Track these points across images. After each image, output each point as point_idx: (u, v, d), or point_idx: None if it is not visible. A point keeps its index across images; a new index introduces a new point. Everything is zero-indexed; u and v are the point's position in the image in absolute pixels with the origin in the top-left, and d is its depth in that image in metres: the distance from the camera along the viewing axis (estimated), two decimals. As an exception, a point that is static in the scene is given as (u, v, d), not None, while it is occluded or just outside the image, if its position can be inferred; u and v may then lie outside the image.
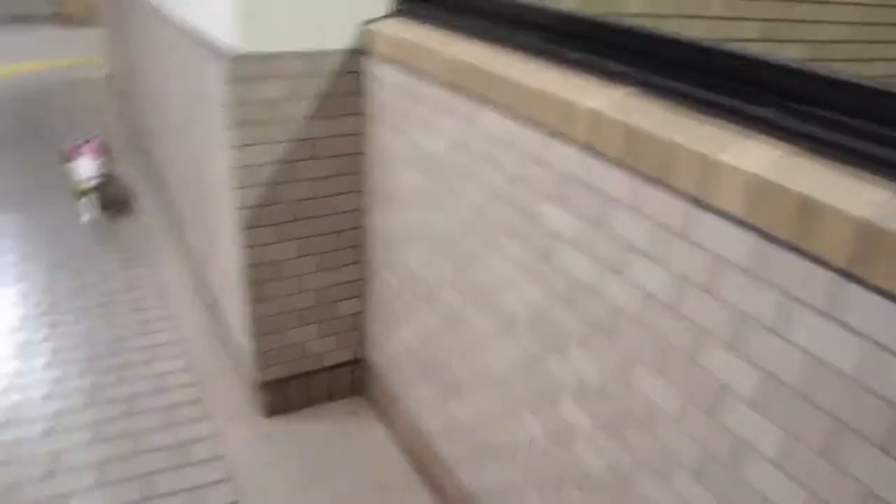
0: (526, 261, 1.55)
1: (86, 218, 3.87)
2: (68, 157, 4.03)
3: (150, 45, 3.71)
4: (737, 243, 1.04)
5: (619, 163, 1.24)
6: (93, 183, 3.84)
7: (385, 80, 2.04)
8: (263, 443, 2.42)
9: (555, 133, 1.39)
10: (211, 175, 2.51)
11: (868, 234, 0.86)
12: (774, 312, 1.01)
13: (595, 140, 1.28)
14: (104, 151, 4.14)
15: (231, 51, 1.99)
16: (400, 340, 2.27)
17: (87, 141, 4.14)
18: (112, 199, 4.17)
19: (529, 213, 1.51)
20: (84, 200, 3.87)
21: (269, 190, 2.15)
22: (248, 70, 2.00)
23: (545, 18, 1.56)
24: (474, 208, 1.71)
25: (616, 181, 1.26)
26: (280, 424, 2.50)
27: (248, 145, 2.08)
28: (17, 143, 5.28)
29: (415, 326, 2.14)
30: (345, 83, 2.12)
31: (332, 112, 2.13)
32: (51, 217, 4.00)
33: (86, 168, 3.84)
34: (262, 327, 2.34)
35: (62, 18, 10.35)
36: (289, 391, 2.50)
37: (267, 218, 2.19)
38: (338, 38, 2.07)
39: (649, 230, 1.20)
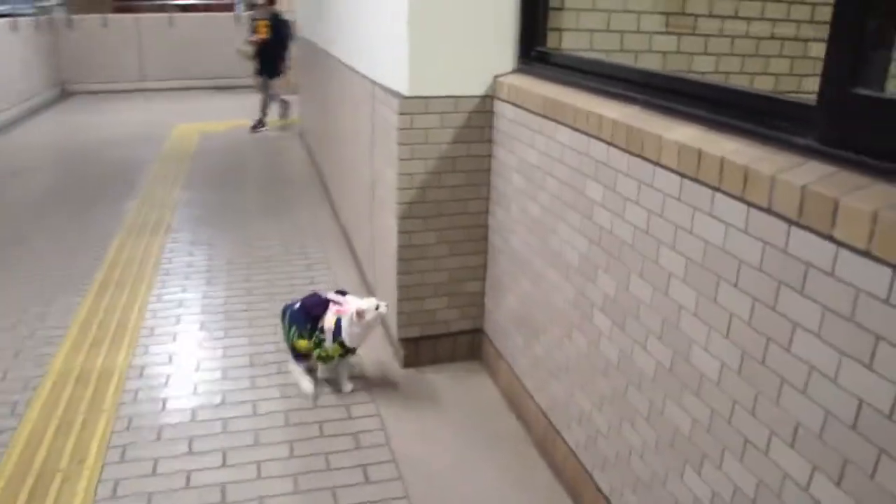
0: (576, 222, 2.35)
1: (309, 389, 3.22)
2: (309, 310, 3.17)
3: (336, 99, 4.85)
4: (673, 187, 1.81)
5: (622, 148, 2.04)
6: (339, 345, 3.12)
7: (504, 115, 2.93)
8: (399, 384, 3.28)
9: (593, 136, 2.20)
10: (382, 184, 3.46)
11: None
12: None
13: (615, 138, 2.09)
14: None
15: (402, 93, 2.97)
16: (506, 307, 3.08)
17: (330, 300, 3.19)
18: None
19: (580, 190, 2.32)
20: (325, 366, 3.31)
21: (420, 192, 3.07)
22: (412, 107, 2.96)
23: (600, 69, 2.40)
24: (552, 194, 2.54)
25: (620, 160, 2.06)
26: (412, 374, 3.36)
27: (408, 159, 3.02)
28: (230, 184, 6.67)
29: (515, 293, 2.96)
30: (478, 118, 3.03)
31: (467, 138, 3.05)
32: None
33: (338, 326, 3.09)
34: (406, 294, 3.22)
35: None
36: (420, 349, 3.35)
37: (417, 212, 3.11)
38: (476, 87, 3.00)
39: (636, 187, 1.98)
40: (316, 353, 3.14)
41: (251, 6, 9.29)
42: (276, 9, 9.24)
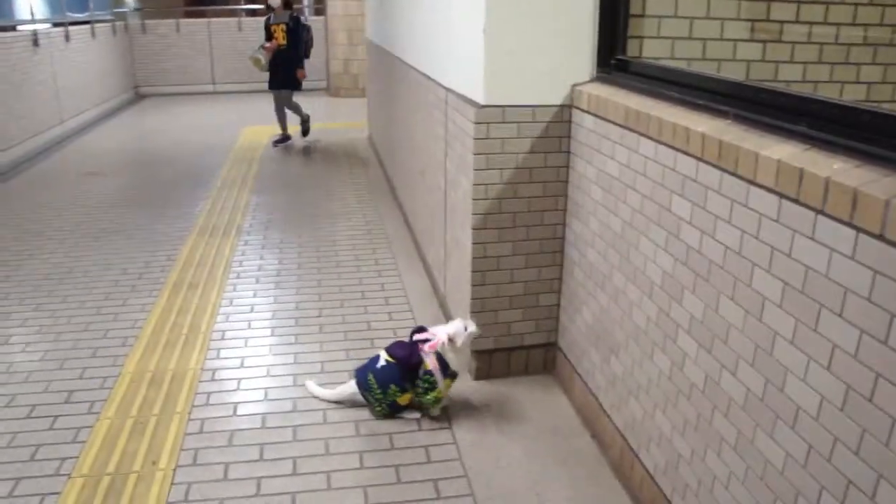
0: (661, 239, 2.27)
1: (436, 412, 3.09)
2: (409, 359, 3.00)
3: (406, 105, 4.83)
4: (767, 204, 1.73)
5: (713, 164, 1.95)
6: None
7: (583, 125, 2.85)
8: (471, 395, 3.23)
9: (679, 150, 2.12)
10: (455, 193, 3.42)
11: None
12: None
13: (705, 153, 2.00)
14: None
15: (478, 102, 2.91)
16: (582, 322, 3.01)
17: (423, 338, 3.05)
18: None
19: (665, 206, 2.24)
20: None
21: (495, 203, 3.02)
22: (488, 116, 2.90)
23: (687, 79, 2.31)
24: (633, 209, 2.46)
25: (711, 176, 1.97)
26: (484, 386, 3.30)
27: (484, 169, 2.97)
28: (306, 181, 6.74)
29: (592, 308, 2.88)
30: (555, 128, 2.96)
31: (545, 148, 2.98)
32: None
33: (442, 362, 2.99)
34: (480, 306, 3.17)
35: (332, 91, 12.55)
36: (493, 361, 3.30)
37: (493, 223, 3.05)
38: (553, 97, 2.93)
39: (728, 206, 1.90)
40: (429, 399, 3.00)
41: (268, 8, 8.52)
42: (295, 12, 8.57)
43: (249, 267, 4.75)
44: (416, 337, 3.04)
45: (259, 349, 3.67)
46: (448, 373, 2.99)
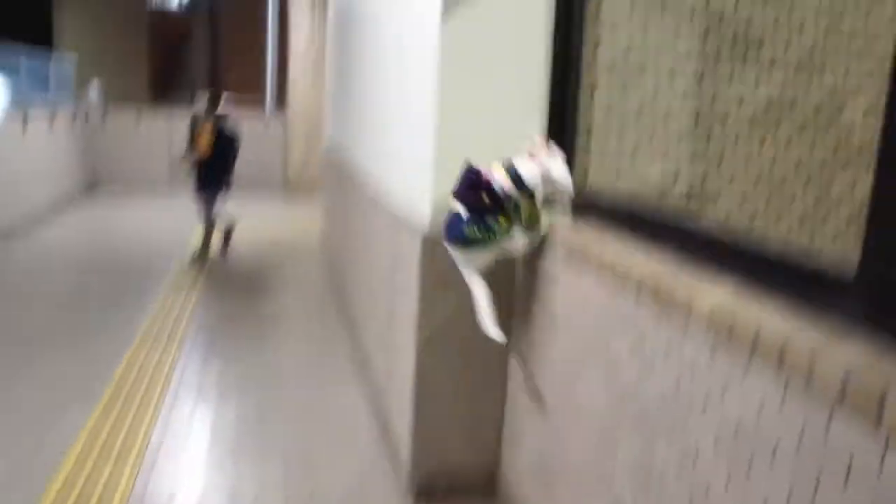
0: (601, 375, 2.27)
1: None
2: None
3: (359, 219, 4.85)
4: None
5: (651, 304, 1.98)
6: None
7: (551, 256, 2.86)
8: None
9: (618, 286, 2.15)
10: (400, 316, 3.40)
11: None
12: (716, 388, 1.68)
13: (642, 292, 2.03)
14: None
15: (425, 229, 2.95)
16: (524, 453, 2.96)
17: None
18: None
19: (605, 341, 2.24)
20: None
21: (439, 328, 3.01)
22: (434, 243, 2.91)
23: (632, 212, 2.37)
24: (574, 341, 2.46)
25: (648, 316, 1.99)
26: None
27: (429, 295, 2.96)
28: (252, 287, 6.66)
29: (532, 440, 2.84)
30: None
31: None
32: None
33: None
34: (422, 431, 3.11)
35: (288, 190, 12.77)
36: (433, 482, 3.19)
37: (436, 349, 3.03)
38: (498, 224, 2.97)
39: (664, 347, 1.91)
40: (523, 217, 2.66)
41: (195, 104, 7.78)
42: (225, 113, 7.71)
43: (190, 379, 4.63)
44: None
45: (195, 471, 3.52)
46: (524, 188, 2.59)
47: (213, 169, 7.52)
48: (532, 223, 2.71)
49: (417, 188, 3.11)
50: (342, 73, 6.71)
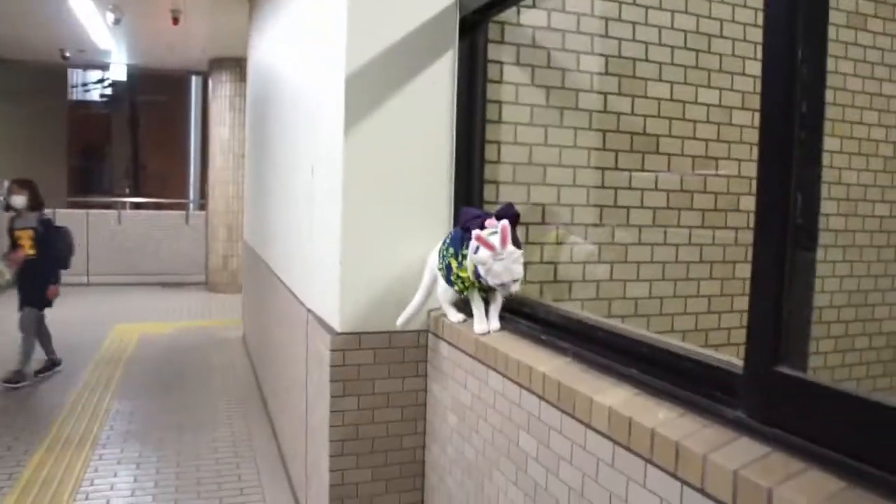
0: (511, 473, 2.25)
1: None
2: None
3: (275, 316, 4.79)
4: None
5: (554, 405, 1.99)
6: None
7: (440, 352, 2.88)
8: None
9: (524, 387, 2.16)
10: (314, 416, 3.34)
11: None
12: (618, 491, 1.68)
13: (546, 393, 2.04)
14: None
15: (334, 329, 2.92)
16: (443, 554, 2.90)
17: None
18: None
19: (513, 440, 2.24)
20: None
21: (352, 429, 2.95)
22: (344, 343, 2.90)
23: (537, 312, 2.40)
24: (485, 440, 2.45)
25: (552, 416, 2.00)
26: None
27: (340, 396, 2.92)
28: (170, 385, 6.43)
29: (452, 540, 2.78)
30: (413, 353, 2.98)
31: (402, 373, 2.98)
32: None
33: None
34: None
35: (210, 286, 12.41)
36: None
37: (350, 449, 2.97)
38: (410, 323, 2.96)
39: (569, 447, 1.92)
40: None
41: (7, 208, 6.86)
42: (45, 215, 6.77)
43: (101, 487, 4.40)
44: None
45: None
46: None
47: (39, 277, 6.63)
48: (460, 292, 2.65)
49: (327, 290, 3.10)
50: (257, 175, 6.74)
